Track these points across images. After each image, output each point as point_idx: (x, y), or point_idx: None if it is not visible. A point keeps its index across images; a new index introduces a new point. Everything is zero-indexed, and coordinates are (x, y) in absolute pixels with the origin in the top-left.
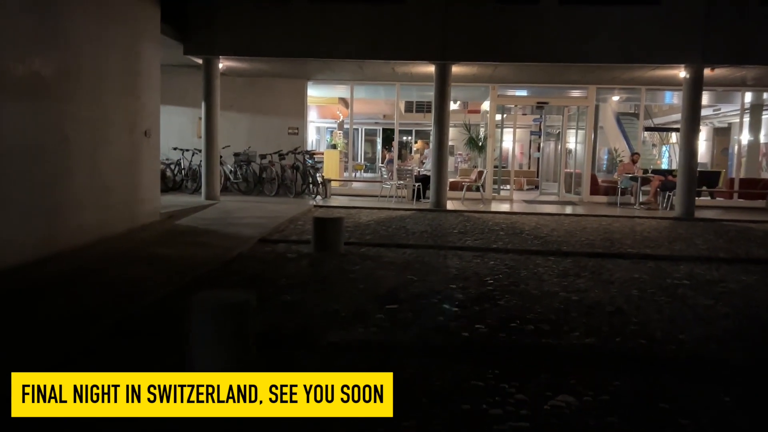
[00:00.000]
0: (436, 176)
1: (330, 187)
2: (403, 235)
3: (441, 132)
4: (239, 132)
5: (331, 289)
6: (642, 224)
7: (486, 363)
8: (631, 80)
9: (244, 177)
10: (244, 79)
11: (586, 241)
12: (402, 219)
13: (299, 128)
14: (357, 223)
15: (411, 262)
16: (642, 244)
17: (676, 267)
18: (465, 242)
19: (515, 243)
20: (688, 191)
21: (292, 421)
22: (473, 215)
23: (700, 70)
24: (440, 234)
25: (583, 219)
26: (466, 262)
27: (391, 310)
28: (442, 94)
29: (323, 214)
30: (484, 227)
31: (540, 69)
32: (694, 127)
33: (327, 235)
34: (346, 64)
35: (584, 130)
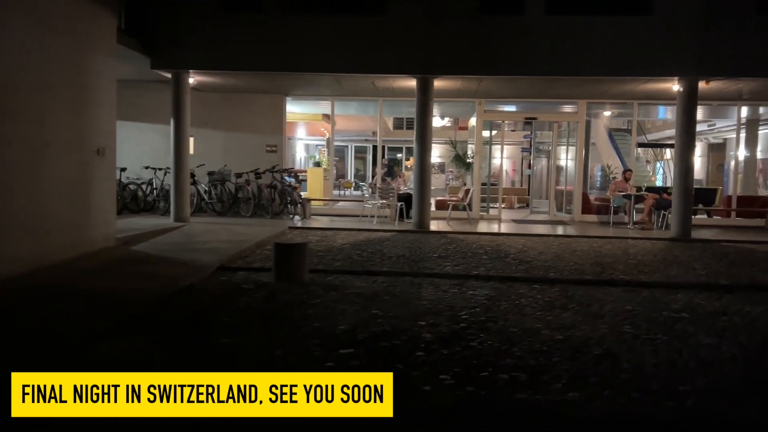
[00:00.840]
0: (419, 195)
1: (309, 207)
2: (378, 261)
3: (423, 149)
4: (214, 150)
5: (280, 329)
6: (635, 246)
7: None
8: (623, 94)
9: (219, 197)
10: (219, 95)
11: (575, 266)
12: (380, 241)
13: (278, 145)
14: (330, 246)
15: (380, 293)
16: (635, 269)
17: (673, 296)
18: (444, 268)
19: (498, 269)
20: (684, 210)
21: (292, 421)
22: (457, 237)
23: (695, 83)
24: (418, 259)
25: (574, 240)
26: (442, 293)
27: (344, 356)
28: (424, 108)
29: (296, 237)
30: (467, 250)
31: (527, 83)
32: (689, 143)
33: (289, 263)
34: (323, 79)
35: (575, 146)
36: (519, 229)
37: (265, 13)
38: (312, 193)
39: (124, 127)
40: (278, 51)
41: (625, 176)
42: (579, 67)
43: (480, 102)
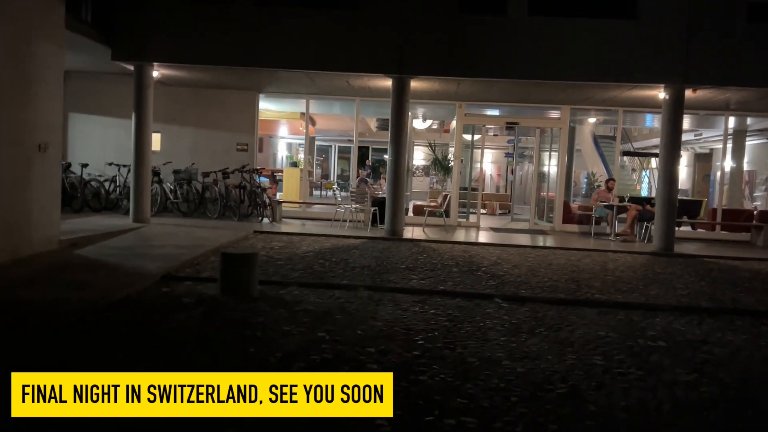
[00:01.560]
0: (392, 201)
1: (280, 209)
2: (340, 272)
3: (397, 152)
4: (183, 147)
5: (207, 356)
6: (615, 260)
7: None
8: (607, 101)
9: (185, 197)
10: (188, 90)
11: (549, 282)
12: (348, 249)
13: (249, 144)
14: (293, 254)
15: (333, 310)
16: (613, 287)
17: (650, 320)
18: (409, 282)
19: (467, 283)
20: (667, 223)
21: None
22: (430, 246)
23: (682, 91)
24: (384, 270)
25: (551, 252)
26: (402, 311)
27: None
28: (399, 110)
29: (258, 242)
30: (438, 262)
31: (508, 86)
32: (674, 153)
33: (237, 275)
34: (295, 76)
35: (558, 152)
36: (496, 238)
37: (233, 5)
38: (288, 195)
39: (89, 121)
40: (246, 45)
41: (608, 186)
42: (562, 71)
43: (460, 105)
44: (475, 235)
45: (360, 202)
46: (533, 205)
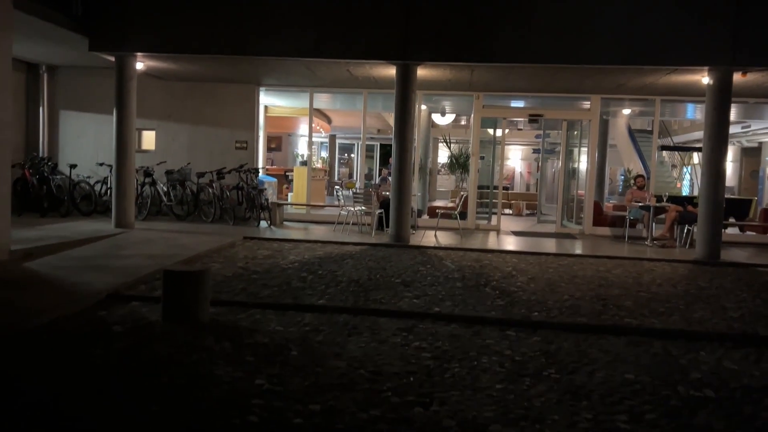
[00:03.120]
0: (396, 202)
1: (281, 212)
2: (321, 288)
3: (402, 147)
4: (179, 146)
5: (95, 415)
6: (652, 271)
7: None
8: (642, 88)
9: (180, 199)
10: (184, 84)
11: (569, 300)
12: (341, 259)
13: (248, 142)
14: (275, 265)
15: (293, 342)
16: (648, 306)
17: (694, 354)
18: (400, 301)
19: (469, 303)
20: (712, 226)
21: None
22: (437, 253)
23: (729, 74)
24: (374, 285)
25: (577, 261)
26: (378, 343)
27: None
28: (404, 101)
29: (241, 251)
30: (441, 274)
31: (528, 73)
32: (720, 146)
33: (181, 297)
34: (292, 66)
35: (587, 147)
36: (516, 244)
37: None
38: (298, 196)
39: (80, 119)
40: (235, 33)
41: (637, 183)
42: (587, 53)
43: (478, 96)
44: (492, 241)
45: (365, 203)
46: (560, 206)
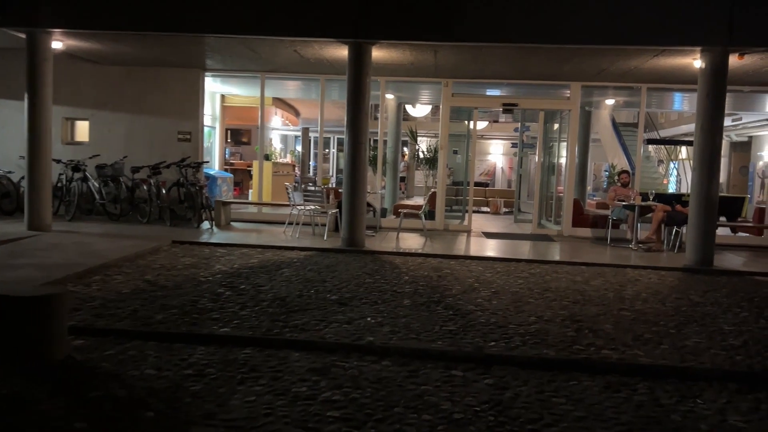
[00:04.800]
0: (350, 202)
1: (228, 211)
2: (234, 309)
3: (356, 139)
4: (116, 137)
5: None
6: (636, 281)
7: None
8: (626, 74)
9: (115, 197)
10: (120, 69)
11: (536, 323)
12: (277, 268)
13: (192, 133)
14: (192, 277)
15: (157, 395)
16: (631, 330)
17: (690, 401)
18: (328, 327)
19: (413, 328)
20: (704, 229)
21: None
22: (393, 260)
23: (724, 56)
24: (302, 305)
25: (552, 270)
26: (275, 396)
27: None
28: (358, 85)
29: (160, 259)
30: (390, 287)
31: (500, 56)
32: (713, 139)
33: (22, 331)
34: (235, 47)
35: (566, 141)
36: (486, 248)
37: None
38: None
39: (3, 107)
40: (164, 5)
41: (621, 180)
42: (567, 32)
43: (447, 83)
44: (459, 244)
45: (317, 202)
46: (536, 205)
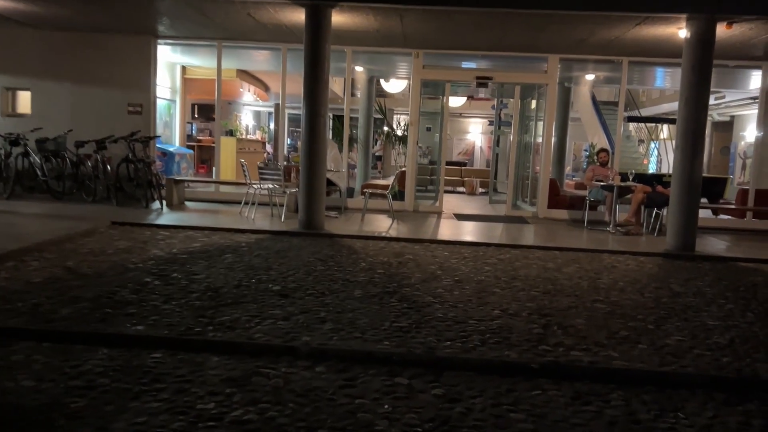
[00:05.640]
0: (307, 180)
1: (181, 190)
2: (157, 302)
3: (313, 111)
4: (60, 109)
5: None
6: (613, 268)
7: None
8: (607, 45)
9: (58, 173)
10: (65, 35)
11: (500, 317)
12: (221, 253)
13: (143, 105)
14: (120, 263)
15: (23, 415)
16: (605, 326)
17: (671, 415)
18: (261, 322)
19: (359, 325)
20: (686, 212)
21: None
22: (353, 245)
23: (712, 24)
24: (238, 296)
25: (523, 255)
26: (172, 415)
27: None
28: (316, 53)
29: (90, 242)
30: (343, 275)
31: (472, 23)
32: (698, 115)
33: None
34: (182, 9)
35: (543, 119)
36: (455, 230)
37: None
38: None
39: None
40: None
41: (600, 159)
42: None
43: (417, 54)
44: (427, 227)
45: (275, 180)
46: (511, 185)
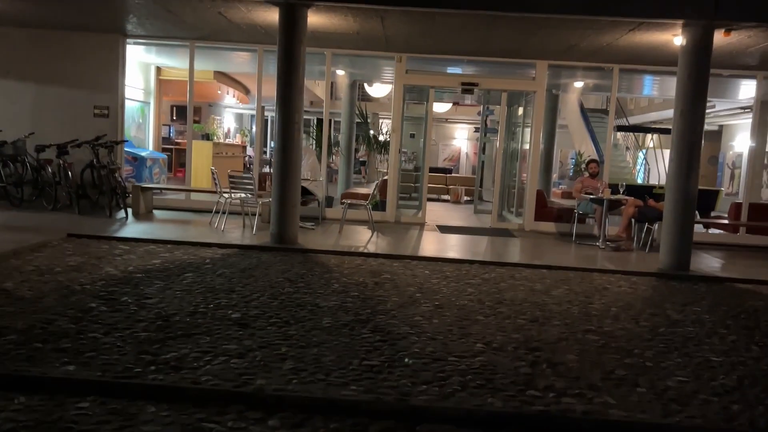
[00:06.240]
0: (279, 191)
1: (147, 198)
2: (98, 334)
3: (286, 117)
4: (21, 111)
5: None
6: (605, 290)
7: None
8: (597, 52)
9: (17, 179)
10: (27, 32)
11: (483, 352)
12: (181, 271)
13: (110, 108)
14: (65, 284)
15: None
16: (599, 362)
17: None
18: (213, 359)
19: (324, 364)
20: (681, 228)
21: None
22: (328, 261)
23: (709, 32)
24: (190, 326)
25: (509, 274)
26: None
27: None
28: (290, 55)
29: (37, 259)
30: (311, 299)
31: (456, 26)
32: (694, 126)
33: None
34: (150, 7)
35: (530, 126)
36: (437, 245)
37: None
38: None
39: None
40: None
41: (589, 169)
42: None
43: (400, 59)
44: (409, 240)
45: (245, 189)
46: (496, 195)
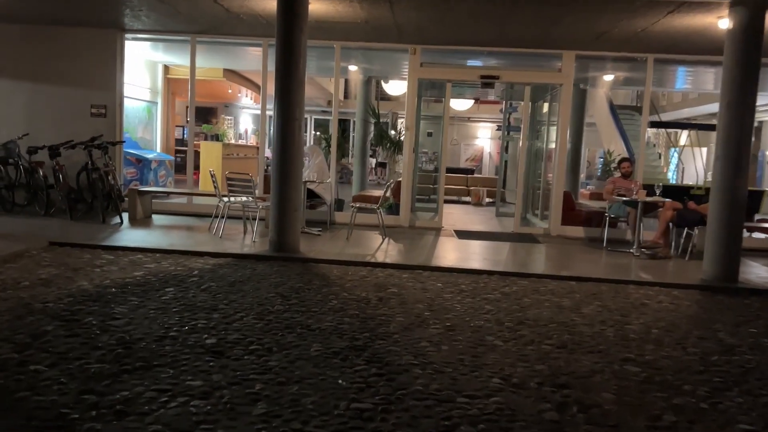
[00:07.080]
0: (278, 194)
1: (145, 202)
2: (42, 366)
3: (286, 114)
4: (15, 110)
5: None
6: (643, 306)
7: None
8: (630, 39)
9: (9, 183)
10: (20, 28)
11: (500, 390)
12: (163, 285)
13: (107, 106)
14: (28, 301)
15: None
16: (642, 403)
17: None
18: (169, 401)
19: (303, 408)
20: (728, 235)
21: None
22: (330, 272)
23: (761, 12)
24: (158, 353)
25: (533, 287)
26: None
27: None
28: (289, 46)
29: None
30: (302, 319)
31: (474, 13)
32: (742, 118)
33: None
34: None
35: (556, 123)
36: (454, 253)
37: None
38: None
39: None
40: None
41: (622, 169)
42: None
43: (414, 51)
44: (422, 248)
45: (244, 193)
46: (519, 198)
